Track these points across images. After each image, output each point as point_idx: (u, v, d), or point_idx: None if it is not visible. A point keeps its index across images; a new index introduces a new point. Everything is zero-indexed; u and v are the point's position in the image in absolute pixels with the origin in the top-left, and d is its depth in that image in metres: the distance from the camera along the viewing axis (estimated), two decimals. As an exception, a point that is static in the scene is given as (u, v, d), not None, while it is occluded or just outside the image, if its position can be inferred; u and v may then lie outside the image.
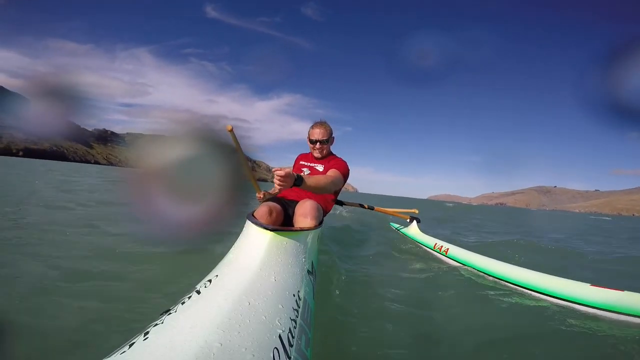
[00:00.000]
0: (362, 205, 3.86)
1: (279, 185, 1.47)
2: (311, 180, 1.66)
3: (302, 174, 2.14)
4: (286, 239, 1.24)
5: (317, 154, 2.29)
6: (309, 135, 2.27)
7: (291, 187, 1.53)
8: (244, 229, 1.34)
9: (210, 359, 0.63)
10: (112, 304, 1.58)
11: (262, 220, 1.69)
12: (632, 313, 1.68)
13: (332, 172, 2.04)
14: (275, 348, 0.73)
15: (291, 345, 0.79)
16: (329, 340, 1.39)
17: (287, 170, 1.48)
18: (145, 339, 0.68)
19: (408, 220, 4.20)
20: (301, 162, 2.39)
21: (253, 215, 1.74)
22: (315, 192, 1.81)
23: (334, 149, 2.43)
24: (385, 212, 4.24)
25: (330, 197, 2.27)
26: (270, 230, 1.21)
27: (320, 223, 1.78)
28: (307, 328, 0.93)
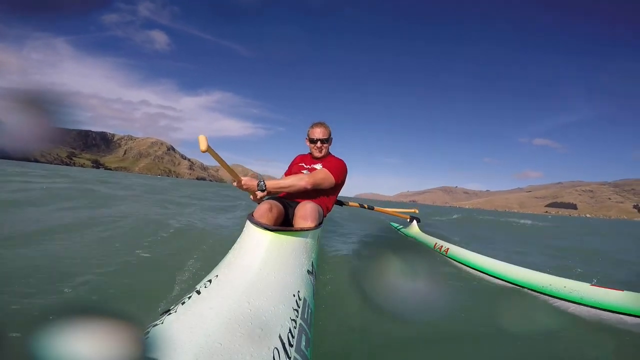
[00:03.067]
0: (362, 206, 3.87)
1: (245, 188, 1.84)
2: (272, 184, 1.93)
3: (301, 174, 2.17)
4: (286, 239, 1.24)
5: (317, 153, 2.30)
6: (308, 134, 2.30)
7: (258, 191, 1.89)
8: (244, 229, 1.34)
9: (211, 359, 0.63)
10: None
11: (263, 217, 1.71)
12: (632, 313, 1.68)
13: (317, 172, 2.15)
14: (276, 348, 0.73)
15: (291, 345, 0.79)
16: (329, 340, 1.39)
17: (248, 177, 1.89)
18: (145, 339, 0.69)
19: (408, 220, 4.21)
20: (300, 164, 2.40)
21: (253, 215, 1.75)
22: (287, 191, 2.03)
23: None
24: (386, 212, 4.24)
25: (330, 197, 2.28)
26: (270, 230, 1.21)
27: (320, 223, 1.78)
28: (307, 328, 0.94)
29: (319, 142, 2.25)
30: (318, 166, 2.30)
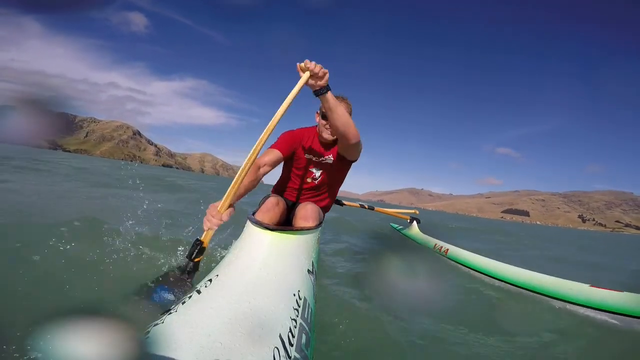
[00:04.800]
0: (362, 206, 3.86)
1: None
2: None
3: (312, 175, 1.96)
4: (286, 238, 1.24)
5: (326, 135, 1.84)
6: (321, 108, 1.77)
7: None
8: (245, 229, 1.34)
9: (211, 359, 0.63)
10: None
11: (270, 211, 1.71)
12: (632, 313, 1.68)
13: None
14: (276, 347, 0.73)
15: (291, 345, 0.79)
16: (329, 340, 1.39)
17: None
18: (145, 339, 0.69)
19: (408, 220, 4.21)
20: (307, 156, 1.92)
21: (258, 209, 1.75)
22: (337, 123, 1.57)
23: None
24: (386, 213, 4.24)
25: (335, 191, 2.16)
26: (271, 230, 1.21)
27: (320, 223, 1.78)
28: (308, 328, 0.94)
29: None
30: (329, 158, 1.91)
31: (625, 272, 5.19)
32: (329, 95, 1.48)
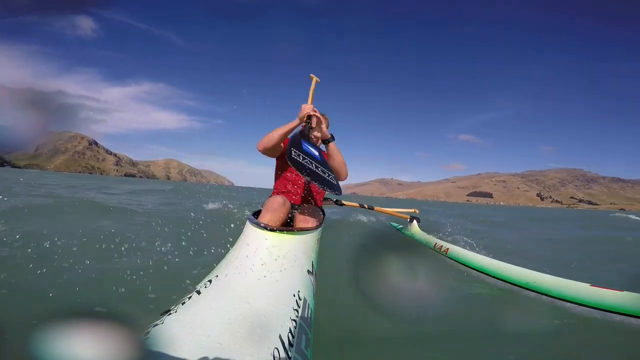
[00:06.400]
0: (362, 206, 3.86)
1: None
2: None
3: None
4: (286, 239, 1.24)
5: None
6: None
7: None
8: (244, 229, 1.34)
9: (211, 359, 0.63)
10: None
11: (277, 210, 1.72)
12: (632, 313, 1.68)
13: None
14: (276, 348, 0.73)
15: (291, 345, 0.79)
16: (329, 340, 1.39)
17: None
18: (145, 339, 0.69)
19: (408, 219, 4.21)
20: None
21: (258, 214, 1.76)
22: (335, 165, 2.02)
23: None
24: (386, 212, 4.24)
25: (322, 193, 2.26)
26: (270, 230, 1.21)
27: (320, 224, 1.78)
28: (307, 328, 0.94)
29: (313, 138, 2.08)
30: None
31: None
32: (332, 145, 2.00)
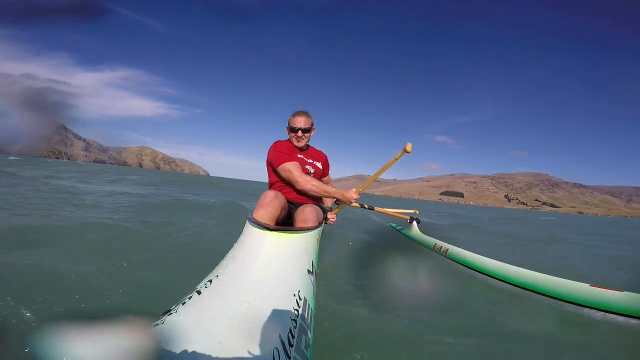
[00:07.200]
0: (362, 206, 3.86)
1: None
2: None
3: (308, 174, 2.21)
4: (286, 238, 1.24)
5: (296, 142, 2.25)
6: (289, 123, 2.23)
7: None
8: (244, 229, 1.34)
9: (211, 359, 0.63)
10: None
11: (270, 205, 1.71)
12: (632, 313, 1.68)
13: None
14: (275, 348, 0.73)
15: (291, 345, 0.79)
16: (329, 340, 1.39)
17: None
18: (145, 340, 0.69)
19: (408, 220, 4.20)
20: (300, 156, 2.26)
21: (258, 203, 1.76)
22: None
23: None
24: (386, 213, 4.24)
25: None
26: (270, 230, 1.21)
27: (320, 224, 1.78)
28: (307, 328, 0.94)
29: (299, 132, 2.20)
30: (300, 157, 2.28)
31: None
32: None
